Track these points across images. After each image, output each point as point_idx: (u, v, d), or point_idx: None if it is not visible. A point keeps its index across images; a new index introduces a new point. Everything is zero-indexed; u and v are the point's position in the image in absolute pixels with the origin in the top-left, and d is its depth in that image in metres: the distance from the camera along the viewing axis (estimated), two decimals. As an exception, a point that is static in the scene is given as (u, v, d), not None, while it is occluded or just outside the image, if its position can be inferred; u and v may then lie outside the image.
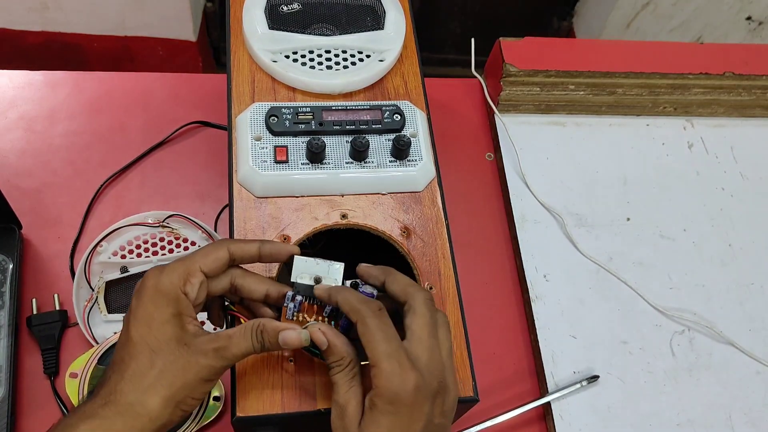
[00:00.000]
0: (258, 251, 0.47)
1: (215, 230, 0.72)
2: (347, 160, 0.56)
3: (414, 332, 0.44)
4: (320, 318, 0.47)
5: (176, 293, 0.43)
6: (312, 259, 0.47)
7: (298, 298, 0.47)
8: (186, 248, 0.70)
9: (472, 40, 0.82)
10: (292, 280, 0.47)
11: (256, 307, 0.48)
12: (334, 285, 0.47)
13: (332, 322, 0.47)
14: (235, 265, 0.48)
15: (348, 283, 0.50)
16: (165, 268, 0.44)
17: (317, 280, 0.47)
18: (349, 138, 0.57)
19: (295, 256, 0.47)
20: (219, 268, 0.45)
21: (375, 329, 0.42)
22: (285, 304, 0.47)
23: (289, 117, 0.57)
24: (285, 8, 0.63)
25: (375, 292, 0.47)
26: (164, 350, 0.42)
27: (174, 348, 0.42)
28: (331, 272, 0.47)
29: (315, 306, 0.48)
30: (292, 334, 0.44)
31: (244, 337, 0.44)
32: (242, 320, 0.48)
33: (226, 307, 0.49)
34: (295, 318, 0.47)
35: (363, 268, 0.49)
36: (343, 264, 0.48)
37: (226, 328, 0.50)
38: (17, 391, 0.62)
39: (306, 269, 0.47)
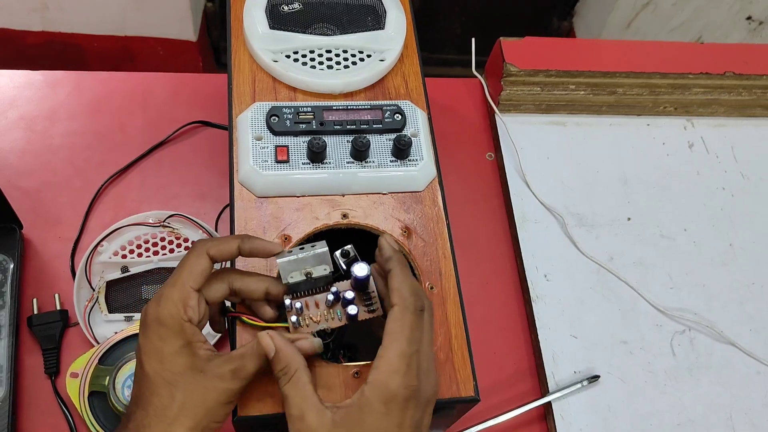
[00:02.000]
0: (237, 249, 0.46)
1: (216, 230, 0.72)
2: (348, 160, 0.56)
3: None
4: (324, 311, 0.48)
5: (179, 324, 0.43)
6: (294, 256, 0.47)
7: (297, 305, 0.47)
8: (186, 248, 0.70)
9: (473, 40, 0.82)
10: (284, 281, 0.47)
11: (257, 306, 0.48)
12: (396, 252, 0.46)
13: (335, 312, 0.47)
14: (231, 269, 0.48)
15: (338, 252, 0.50)
16: (161, 298, 0.44)
17: (308, 274, 0.47)
18: (350, 138, 0.57)
19: (278, 261, 0.47)
20: (207, 276, 0.45)
21: (407, 326, 0.42)
22: (287, 310, 0.47)
23: (289, 117, 0.57)
24: (286, 8, 0.63)
25: (368, 272, 0.46)
26: (181, 382, 0.42)
27: (190, 378, 0.42)
28: (318, 258, 0.47)
29: (315, 300, 0.48)
30: (305, 344, 0.45)
31: (257, 354, 0.44)
32: (244, 318, 0.48)
33: (225, 309, 0.49)
34: (301, 326, 0.47)
35: (385, 242, 0.47)
36: (324, 243, 0.47)
37: (228, 330, 0.50)
38: (18, 391, 0.62)
39: (293, 266, 0.47)
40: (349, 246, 0.51)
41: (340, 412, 0.41)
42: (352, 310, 0.47)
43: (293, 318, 0.47)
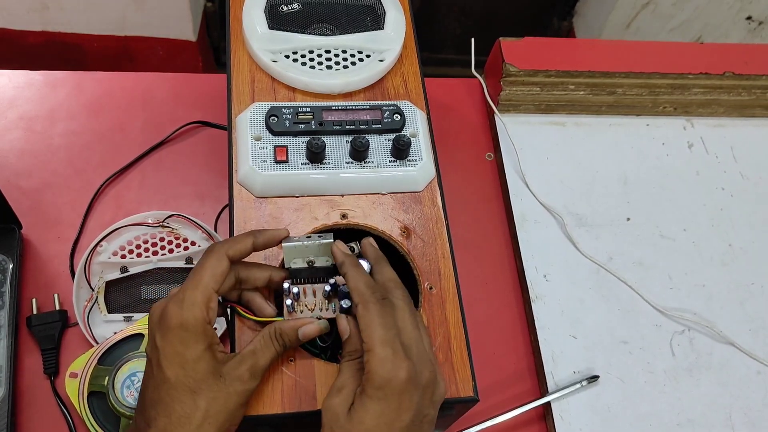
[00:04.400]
0: (252, 245, 0.47)
1: (215, 230, 0.72)
2: (347, 160, 0.56)
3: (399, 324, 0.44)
4: (320, 300, 0.48)
5: (203, 327, 0.43)
6: (300, 242, 0.48)
7: (294, 290, 0.48)
8: (186, 248, 0.70)
9: (472, 40, 0.82)
10: (286, 266, 0.48)
11: (254, 302, 0.49)
12: (348, 255, 0.47)
13: (330, 304, 0.48)
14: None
15: None
16: (183, 302, 0.43)
17: (310, 262, 0.48)
18: (349, 138, 0.57)
19: (284, 244, 0.48)
20: (225, 277, 0.46)
21: (375, 315, 0.43)
22: (285, 293, 0.48)
23: (289, 117, 0.57)
24: (285, 8, 0.63)
25: (367, 268, 0.47)
26: (204, 389, 0.43)
27: (212, 383, 0.43)
28: (322, 249, 0.48)
29: (313, 288, 0.49)
30: (312, 327, 0.46)
31: (267, 347, 0.45)
32: (239, 309, 0.49)
33: (224, 299, 0.50)
34: (295, 311, 0.48)
35: (367, 244, 0.50)
36: (331, 235, 0.49)
37: (226, 321, 0.51)
38: (17, 391, 0.62)
39: (297, 253, 0.48)
40: (353, 243, 0.51)
41: (353, 406, 0.43)
42: (345, 303, 0.47)
43: (288, 302, 0.48)
